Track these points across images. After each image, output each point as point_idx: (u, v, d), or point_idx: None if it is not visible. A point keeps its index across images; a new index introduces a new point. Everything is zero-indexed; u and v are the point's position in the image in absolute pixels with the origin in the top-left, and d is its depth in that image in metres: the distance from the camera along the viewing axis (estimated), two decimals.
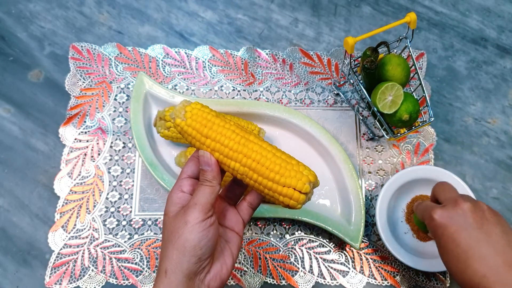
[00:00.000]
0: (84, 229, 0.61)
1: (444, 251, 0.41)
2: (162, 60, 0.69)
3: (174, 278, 0.38)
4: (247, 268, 0.61)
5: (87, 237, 0.61)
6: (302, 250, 0.62)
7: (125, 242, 0.61)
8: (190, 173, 0.42)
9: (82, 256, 0.60)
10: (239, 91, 0.68)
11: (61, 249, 0.60)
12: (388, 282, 0.61)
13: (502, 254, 0.38)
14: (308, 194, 0.39)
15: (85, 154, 0.64)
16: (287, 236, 0.62)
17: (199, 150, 0.41)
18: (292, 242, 0.62)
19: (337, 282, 0.60)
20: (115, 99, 0.67)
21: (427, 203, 0.47)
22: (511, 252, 0.38)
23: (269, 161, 0.39)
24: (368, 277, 0.61)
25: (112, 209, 0.62)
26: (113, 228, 0.62)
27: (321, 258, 0.62)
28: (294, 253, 0.62)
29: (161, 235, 0.62)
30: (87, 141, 0.65)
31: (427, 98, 0.59)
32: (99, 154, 0.65)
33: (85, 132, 0.65)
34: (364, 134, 0.67)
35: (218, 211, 0.44)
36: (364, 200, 0.61)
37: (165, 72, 0.69)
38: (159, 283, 0.39)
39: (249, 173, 0.39)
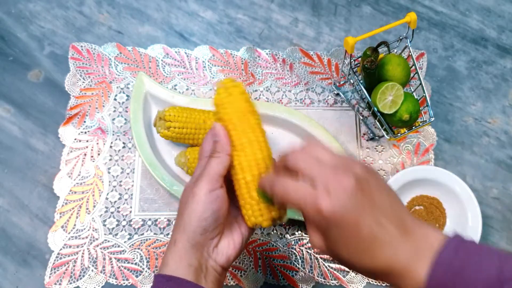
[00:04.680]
0: (84, 229, 0.61)
1: (342, 245, 0.33)
2: (162, 60, 0.69)
3: (181, 247, 0.39)
4: (247, 268, 0.61)
5: (87, 237, 0.61)
6: (302, 250, 0.62)
7: (125, 242, 0.61)
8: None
9: (82, 256, 0.60)
10: None
11: (61, 249, 0.60)
12: None
13: (398, 224, 0.33)
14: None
15: (85, 154, 0.64)
16: (287, 236, 0.62)
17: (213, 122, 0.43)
18: (292, 242, 0.62)
19: (337, 282, 0.60)
20: (115, 99, 0.67)
21: (295, 186, 0.34)
22: (405, 216, 0.34)
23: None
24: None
25: (112, 209, 0.62)
26: (113, 228, 0.62)
27: (321, 258, 0.61)
28: (294, 253, 0.62)
29: (161, 235, 0.62)
30: (87, 141, 0.65)
31: (427, 98, 0.59)
32: (99, 154, 0.64)
33: (85, 132, 0.65)
34: (364, 134, 0.67)
35: (231, 190, 0.44)
36: None
37: (165, 72, 0.69)
38: (168, 252, 0.40)
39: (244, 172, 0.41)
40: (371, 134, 0.67)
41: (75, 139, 0.65)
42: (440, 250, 0.31)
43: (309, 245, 0.62)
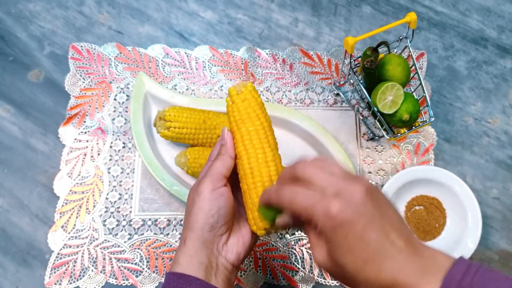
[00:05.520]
0: (84, 229, 0.61)
1: (346, 251, 0.32)
2: (162, 60, 0.69)
3: (191, 246, 0.41)
4: (247, 268, 0.61)
5: (87, 237, 0.61)
6: (302, 250, 0.62)
7: (125, 242, 0.61)
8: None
9: (82, 256, 0.60)
10: None
11: (61, 249, 0.60)
12: None
13: (407, 241, 0.32)
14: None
15: (85, 154, 0.64)
16: (287, 236, 0.62)
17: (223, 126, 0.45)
18: (292, 242, 0.62)
19: (337, 282, 0.60)
20: (115, 99, 0.67)
21: (304, 191, 0.34)
22: (412, 235, 0.33)
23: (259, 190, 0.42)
24: None
25: (112, 209, 0.62)
26: (113, 228, 0.62)
27: None
28: (294, 253, 0.62)
29: (161, 235, 0.62)
30: (87, 141, 0.65)
31: (427, 98, 0.59)
32: (99, 154, 0.64)
33: (85, 132, 0.65)
34: (364, 134, 0.67)
35: (241, 192, 0.45)
36: None
37: (165, 72, 0.69)
38: (178, 251, 0.41)
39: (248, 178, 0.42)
40: (371, 134, 0.67)
41: (75, 139, 0.65)
42: (450, 268, 0.30)
43: (309, 245, 0.62)
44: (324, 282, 0.60)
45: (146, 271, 0.60)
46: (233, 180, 0.44)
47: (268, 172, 0.42)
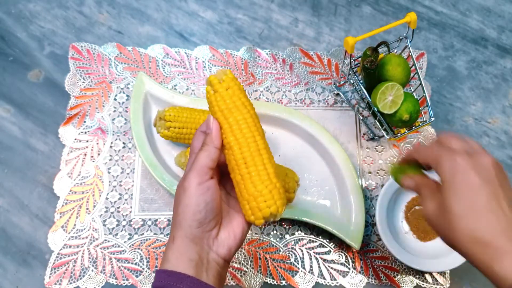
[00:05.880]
0: (84, 229, 0.61)
1: (459, 198, 0.36)
2: (162, 60, 0.69)
3: (180, 243, 0.40)
4: (247, 268, 0.61)
5: (87, 237, 0.61)
6: (302, 250, 0.62)
7: (125, 242, 0.61)
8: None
9: (82, 257, 0.60)
10: None
11: (61, 249, 0.60)
12: (388, 282, 0.61)
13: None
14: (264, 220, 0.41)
15: (85, 154, 0.64)
16: (287, 236, 0.62)
17: (208, 115, 0.43)
18: (292, 242, 0.62)
19: (337, 283, 0.60)
20: (115, 99, 0.67)
21: (440, 146, 0.40)
22: None
23: (255, 172, 0.40)
24: (368, 277, 0.61)
25: (112, 209, 0.62)
26: (113, 228, 0.62)
27: (321, 258, 0.61)
28: (294, 253, 0.62)
29: (161, 235, 0.62)
30: (87, 141, 0.65)
31: (427, 98, 0.59)
32: (99, 154, 0.64)
33: (85, 132, 0.65)
34: (364, 134, 0.67)
35: (230, 183, 0.44)
36: (364, 200, 0.61)
37: (165, 72, 0.69)
38: (168, 249, 0.40)
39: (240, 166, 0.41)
40: (371, 134, 0.67)
41: (75, 139, 0.65)
42: None
43: (309, 245, 0.62)
44: (324, 282, 0.60)
45: (146, 271, 0.60)
46: (219, 170, 0.43)
47: (262, 161, 0.41)
